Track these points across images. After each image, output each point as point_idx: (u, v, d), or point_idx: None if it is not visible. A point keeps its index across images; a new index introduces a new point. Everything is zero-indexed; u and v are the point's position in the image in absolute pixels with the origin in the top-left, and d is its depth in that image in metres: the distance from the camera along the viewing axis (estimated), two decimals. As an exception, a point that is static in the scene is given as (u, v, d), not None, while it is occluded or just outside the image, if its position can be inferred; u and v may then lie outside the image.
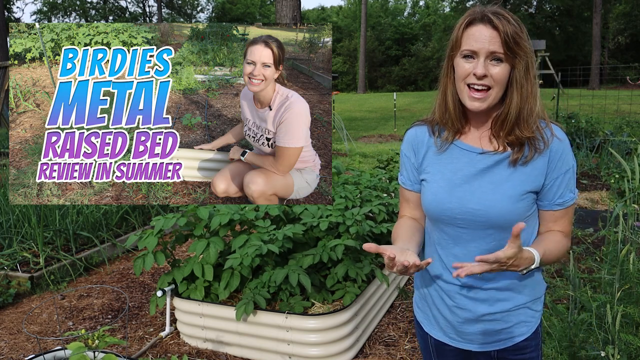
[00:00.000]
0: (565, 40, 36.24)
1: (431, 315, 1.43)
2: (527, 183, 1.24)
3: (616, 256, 2.13)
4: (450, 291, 1.35)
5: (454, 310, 1.35)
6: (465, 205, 1.26)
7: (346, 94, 37.76)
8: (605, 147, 7.66)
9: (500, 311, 1.31)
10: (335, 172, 4.27)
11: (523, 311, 1.33)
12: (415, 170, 1.40)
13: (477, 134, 1.30)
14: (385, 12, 48.44)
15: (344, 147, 11.03)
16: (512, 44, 1.16)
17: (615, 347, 1.90)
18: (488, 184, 1.25)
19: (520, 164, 1.24)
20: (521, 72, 1.19)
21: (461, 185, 1.28)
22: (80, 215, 4.74)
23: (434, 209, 1.32)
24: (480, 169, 1.27)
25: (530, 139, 1.23)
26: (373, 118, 18.61)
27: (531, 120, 1.22)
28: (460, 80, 1.22)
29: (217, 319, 2.89)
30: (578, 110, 9.65)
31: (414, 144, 1.39)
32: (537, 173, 1.24)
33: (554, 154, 1.24)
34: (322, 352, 2.70)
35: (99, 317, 3.53)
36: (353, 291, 2.87)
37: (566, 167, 1.25)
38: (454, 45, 1.23)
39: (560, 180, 1.25)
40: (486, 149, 1.27)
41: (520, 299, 1.32)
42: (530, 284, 1.33)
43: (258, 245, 2.76)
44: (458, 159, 1.30)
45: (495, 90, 1.20)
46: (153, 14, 45.31)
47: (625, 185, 2.23)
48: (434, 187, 1.32)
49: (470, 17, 1.20)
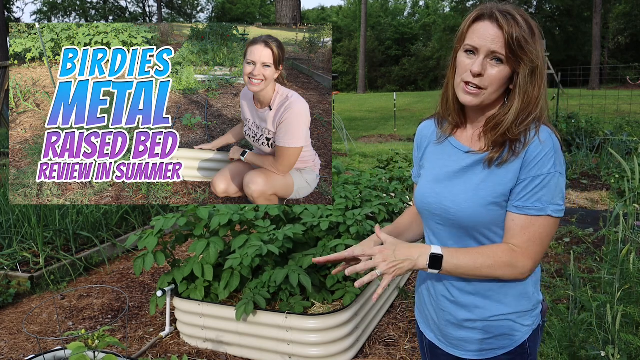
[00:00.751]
0: (565, 40, 36.23)
1: (424, 314, 1.44)
2: (499, 185, 1.18)
3: (616, 256, 2.13)
4: (437, 292, 1.34)
5: (439, 312, 1.35)
6: (441, 202, 1.26)
7: (346, 94, 37.76)
8: (605, 147, 7.66)
9: (480, 319, 1.27)
10: (335, 172, 4.27)
11: (506, 323, 1.27)
12: (418, 164, 1.43)
13: (471, 133, 1.28)
14: (385, 12, 48.44)
15: (344, 147, 11.03)
16: (516, 47, 1.11)
17: (616, 347, 1.90)
18: (463, 183, 1.23)
19: (496, 165, 1.19)
20: (525, 78, 1.14)
21: (443, 181, 1.28)
22: (80, 215, 4.74)
23: (418, 202, 1.34)
24: (462, 167, 1.25)
25: (511, 141, 1.18)
26: (373, 118, 18.61)
27: (523, 125, 1.16)
28: (458, 75, 1.21)
29: (217, 319, 2.89)
30: (578, 110, 9.65)
31: (418, 139, 1.42)
32: (512, 176, 1.17)
33: (529, 155, 1.16)
34: (322, 352, 2.69)
35: (99, 317, 3.53)
36: (353, 291, 2.87)
37: (539, 171, 1.15)
38: (459, 38, 1.21)
39: (527, 182, 1.16)
40: (473, 148, 1.25)
41: (500, 308, 1.26)
42: (512, 294, 1.26)
43: (258, 246, 2.76)
44: (449, 155, 1.30)
45: (489, 91, 1.17)
46: (153, 14, 45.32)
47: (626, 185, 2.22)
48: (423, 181, 1.35)
49: (479, 12, 1.17)
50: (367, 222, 3.09)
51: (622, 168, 6.46)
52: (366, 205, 3.40)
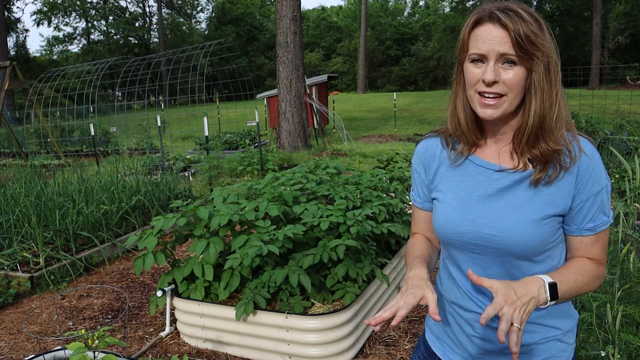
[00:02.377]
0: (565, 40, 36.22)
1: (448, 343, 1.28)
2: (551, 206, 1.08)
3: (616, 255, 2.13)
4: (470, 319, 1.20)
5: (474, 340, 1.20)
6: (480, 230, 1.12)
7: (346, 94, 37.78)
8: (606, 147, 7.66)
9: (526, 344, 1.16)
10: (336, 172, 4.27)
11: (553, 344, 1.17)
12: (425, 187, 1.28)
13: (495, 148, 1.16)
14: (385, 12, 48.46)
15: (344, 147, 11.03)
16: (526, 43, 1.01)
17: (616, 346, 1.90)
18: (506, 206, 1.10)
19: (543, 184, 1.08)
20: (540, 75, 1.04)
21: (476, 206, 1.14)
22: (80, 215, 4.74)
23: (444, 231, 1.18)
24: (498, 189, 1.12)
25: (555, 153, 1.07)
26: (373, 118, 18.61)
27: (556, 130, 1.07)
28: (470, 88, 1.09)
29: (217, 319, 2.89)
30: (578, 110, 9.66)
31: (424, 159, 1.27)
32: (564, 194, 1.08)
33: (583, 172, 1.07)
34: (322, 352, 2.69)
35: (99, 317, 3.53)
36: (353, 291, 2.87)
37: (598, 187, 1.08)
38: (461, 48, 1.11)
39: (591, 202, 1.08)
40: (505, 166, 1.13)
41: (549, 331, 1.17)
42: (559, 315, 1.18)
43: (258, 246, 2.76)
44: (474, 176, 1.16)
45: (510, 97, 1.06)
46: (153, 14, 45.28)
47: (626, 185, 2.22)
48: (445, 207, 1.19)
49: (477, 16, 1.07)
50: (367, 222, 3.09)
51: (623, 168, 6.46)
52: (366, 206, 3.40)
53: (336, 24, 50.18)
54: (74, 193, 5.18)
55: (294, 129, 11.12)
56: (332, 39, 48.89)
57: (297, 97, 11.07)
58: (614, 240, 2.33)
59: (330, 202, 3.68)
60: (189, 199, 5.91)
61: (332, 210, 3.15)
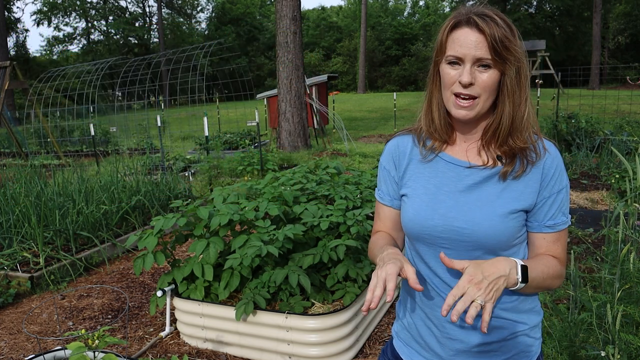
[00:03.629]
0: (565, 40, 36.25)
1: (415, 348, 1.30)
2: (518, 201, 1.14)
3: (617, 256, 2.13)
4: (438, 320, 1.21)
5: (443, 341, 1.21)
6: (450, 223, 1.15)
7: (346, 94, 37.78)
8: (606, 147, 7.67)
9: (496, 340, 1.18)
10: (336, 172, 4.27)
11: (522, 339, 1.20)
12: (395, 184, 1.29)
13: (464, 146, 1.21)
14: (385, 12, 48.44)
15: (344, 147, 11.03)
16: (501, 48, 1.07)
17: (616, 346, 1.89)
18: (476, 201, 1.15)
19: (512, 178, 1.14)
20: (512, 78, 1.10)
21: (446, 201, 1.17)
22: (80, 215, 4.74)
23: (414, 225, 1.20)
24: (468, 185, 1.17)
25: (522, 150, 1.14)
26: (373, 118, 18.61)
27: (524, 130, 1.13)
28: (446, 88, 1.14)
29: (217, 319, 2.89)
30: (578, 110, 9.66)
31: (394, 156, 1.30)
32: (530, 190, 1.14)
33: (547, 169, 1.14)
34: (322, 352, 2.69)
35: (99, 317, 3.53)
36: (353, 291, 2.87)
37: (559, 186, 1.15)
38: (438, 49, 1.15)
39: (552, 199, 1.15)
40: (474, 163, 1.18)
41: (517, 326, 1.20)
42: (526, 310, 1.21)
43: (258, 246, 2.76)
44: (444, 173, 1.20)
45: (483, 98, 1.11)
46: (153, 14, 45.27)
47: (627, 185, 2.22)
48: (416, 202, 1.21)
49: (455, 20, 1.11)
50: (367, 222, 3.09)
51: (623, 168, 6.46)
52: (366, 206, 3.40)
53: (336, 24, 50.16)
54: (74, 193, 5.18)
55: (294, 129, 11.12)
56: (332, 39, 48.89)
57: (297, 97, 11.07)
58: (614, 240, 2.33)
59: (330, 202, 3.68)
60: (189, 199, 5.91)
61: (332, 210, 3.15)
